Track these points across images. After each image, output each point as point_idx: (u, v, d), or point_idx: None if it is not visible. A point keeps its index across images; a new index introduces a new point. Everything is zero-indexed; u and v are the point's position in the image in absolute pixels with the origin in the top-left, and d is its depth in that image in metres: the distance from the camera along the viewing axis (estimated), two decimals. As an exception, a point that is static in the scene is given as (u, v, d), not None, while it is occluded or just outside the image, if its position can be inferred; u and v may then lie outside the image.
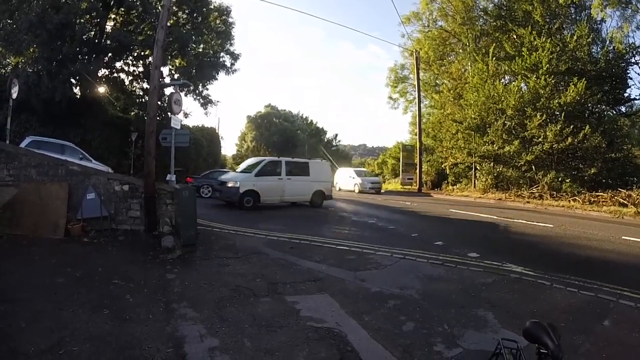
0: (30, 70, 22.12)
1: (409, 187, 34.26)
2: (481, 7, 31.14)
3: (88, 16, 24.75)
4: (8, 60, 24.69)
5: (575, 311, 5.51)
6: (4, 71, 23.54)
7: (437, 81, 37.52)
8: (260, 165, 16.59)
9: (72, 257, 7.45)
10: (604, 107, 24.22)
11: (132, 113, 29.59)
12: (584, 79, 21.36)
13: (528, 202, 20.89)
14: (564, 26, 25.37)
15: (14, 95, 13.65)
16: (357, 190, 30.20)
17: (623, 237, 11.15)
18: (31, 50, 22.47)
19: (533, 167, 23.46)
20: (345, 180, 32.40)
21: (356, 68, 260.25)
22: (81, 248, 8.24)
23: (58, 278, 6.21)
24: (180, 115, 13.51)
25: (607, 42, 23.95)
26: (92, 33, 25.88)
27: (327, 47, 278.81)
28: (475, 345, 4.43)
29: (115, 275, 6.47)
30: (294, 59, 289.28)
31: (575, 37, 22.73)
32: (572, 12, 25.72)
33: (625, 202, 17.89)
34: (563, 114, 21.58)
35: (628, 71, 24.00)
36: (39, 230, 8.82)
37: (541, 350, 1.90)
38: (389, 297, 5.92)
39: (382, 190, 32.30)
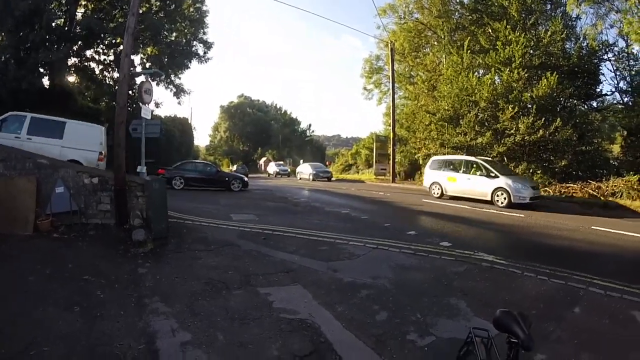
0: (-3, 59, 21.44)
1: (383, 177, 34.34)
2: (457, 0, 31.33)
3: (57, 3, 24.08)
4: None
5: (546, 299, 5.61)
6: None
7: (411, 73, 37.66)
8: None
9: (42, 254, 7.26)
10: (575, 101, 24.67)
11: (103, 103, 29.01)
12: (556, 73, 21.73)
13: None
14: (539, 22, 25.69)
15: (-20, 86, 13.20)
16: (503, 202, 16.06)
17: (592, 227, 11.41)
18: (-1, 38, 21.78)
19: (505, 159, 23.77)
20: (461, 179, 18.21)
21: (332, 58, 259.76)
22: (51, 244, 8.03)
23: (28, 276, 6.04)
24: (152, 105, 13.31)
25: (581, 38, 24.48)
26: (62, 20, 25.21)
27: (307, 37, 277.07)
28: (448, 334, 4.47)
29: (86, 271, 6.32)
30: (269, 47, 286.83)
31: (549, 33, 23.06)
32: (548, 8, 26.11)
33: (595, 193, 18.34)
34: (534, 107, 21.92)
35: (600, 67, 24.51)
36: (6, 227, 8.53)
37: (511, 340, 1.91)
38: (362, 287, 5.94)
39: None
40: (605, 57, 24.38)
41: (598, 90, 25.07)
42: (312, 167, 38.00)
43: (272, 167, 50.87)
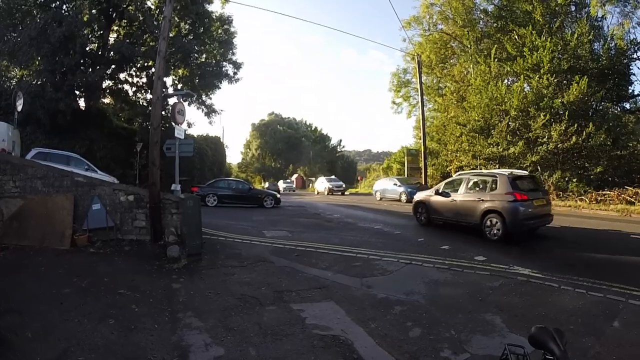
0: (35, 83, 22.32)
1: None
2: (481, 8, 31.18)
3: (90, 28, 25.00)
4: (13, 73, 24.93)
5: (584, 313, 5.44)
6: (9, 84, 23.73)
7: (439, 84, 37.41)
8: None
9: (78, 268, 7.48)
10: (607, 104, 24.11)
11: (137, 123, 29.84)
12: (586, 76, 21.28)
13: (534, 203, 20.67)
14: (565, 24, 25.32)
15: (19, 108, 13.76)
16: None
17: (631, 236, 11.05)
18: (36, 63, 22.70)
19: (539, 168, 23.31)
20: None
21: (359, 73, 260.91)
22: (87, 258, 8.25)
23: (64, 288, 6.24)
24: (184, 125, 13.59)
25: (609, 39, 23.82)
26: (95, 45, 26.18)
27: (328, 53, 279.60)
28: (483, 351, 4.38)
29: (121, 285, 6.48)
30: (296, 64, 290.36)
31: (576, 35, 22.67)
32: (573, 10, 25.69)
33: (633, 199, 17.77)
34: (566, 113, 21.47)
35: (631, 67, 23.92)
36: (45, 241, 8.86)
37: (547, 357, 1.87)
38: (395, 303, 5.88)
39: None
40: (635, 56, 23.76)
41: (630, 91, 24.46)
42: (399, 181, 27.52)
43: (323, 183, 41.77)
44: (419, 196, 14.64)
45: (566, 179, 22.02)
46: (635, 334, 4.79)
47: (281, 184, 54.62)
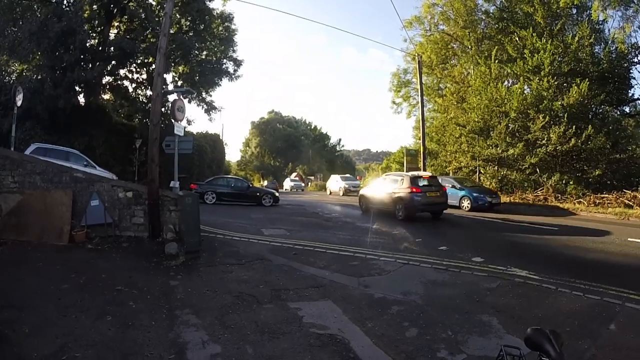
0: (34, 78, 22.28)
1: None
2: (482, 9, 31.10)
3: (90, 24, 24.95)
4: (13, 68, 24.88)
5: (581, 315, 5.44)
6: (8, 79, 23.69)
7: (440, 85, 37.26)
8: None
9: (76, 264, 7.49)
10: (607, 107, 24.04)
11: (136, 120, 29.82)
12: (586, 79, 21.26)
13: (533, 205, 20.72)
14: (566, 27, 25.26)
15: (19, 103, 13.74)
16: None
17: (629, 239, 11.05)
18: (36, 58, 22.65)
19: (537, 170, 23.31)
20: None
21: (359, 72, 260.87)
22: (85, 254, 8.28)
23: (62, 284, 6.25)
24: (184, 122, 13.60)
25: (610, 42, 23.74)
26: (96, 41, 26.10)
27: (328, 52, 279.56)
28: (479, 352, 4.38)
29: (118, 281, 6.50)
30: (295, 63, 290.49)
31: (577, 38, 22.58)
32: (574, 13, 25.65)
33: (631, 203, 17.77)
34: (566, 116, 21.45)
35: (631, 71, 23.83)
36: (43, 237, 8.87)
37: (543, 358, 1.88)
38: (393, 303, 5.89)
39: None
40: (636, 60, 23.67)
41: (630, 94, 24.44)
42: (457, 183, 21.99)
43: (337, 182, 37.05)
44: (362, 191, 19.42)
45: (564, 181, 22.01)
46: (631, 337, 4.80)
47: (288, 182, 52.73)
